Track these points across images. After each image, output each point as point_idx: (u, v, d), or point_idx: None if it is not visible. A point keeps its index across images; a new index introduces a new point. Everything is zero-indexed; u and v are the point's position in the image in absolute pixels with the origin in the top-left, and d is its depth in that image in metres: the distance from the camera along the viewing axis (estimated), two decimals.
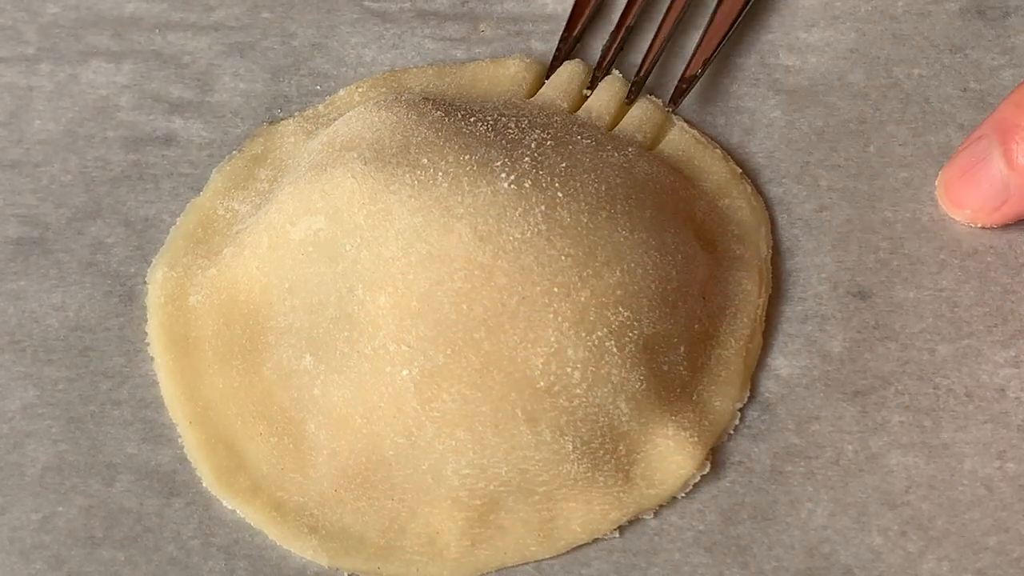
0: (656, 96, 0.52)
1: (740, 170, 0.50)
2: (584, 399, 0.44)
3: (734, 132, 0.52)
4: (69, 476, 0.45)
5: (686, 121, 0.51)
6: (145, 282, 0.48)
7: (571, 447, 0.44)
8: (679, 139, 0.51)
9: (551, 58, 0.53)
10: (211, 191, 0.50)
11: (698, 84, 0.52)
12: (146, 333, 0.47)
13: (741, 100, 0.52)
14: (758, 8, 0.54)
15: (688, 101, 0.52)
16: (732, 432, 0.46)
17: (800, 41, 0.53)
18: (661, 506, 0.45)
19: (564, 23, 0.53)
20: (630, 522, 0.44)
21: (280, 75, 0.53)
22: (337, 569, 0.44)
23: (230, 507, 0.44)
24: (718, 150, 0.51)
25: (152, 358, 0.47)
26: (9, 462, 0.45)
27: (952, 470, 0.45)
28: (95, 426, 0.46)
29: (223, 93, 0.52)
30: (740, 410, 0.46)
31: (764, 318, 0.48)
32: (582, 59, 0.53)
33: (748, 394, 0.46)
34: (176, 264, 0.48)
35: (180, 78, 0.53)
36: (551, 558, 0.44)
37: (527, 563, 0.44)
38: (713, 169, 0.50)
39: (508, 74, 0.52)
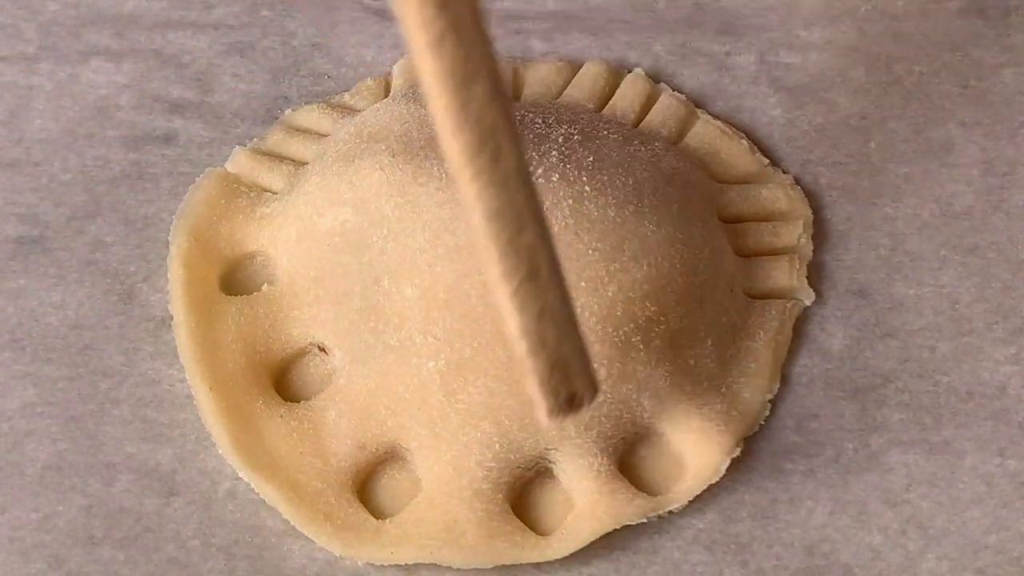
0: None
1: (767, 160, 0.50)
2: (609, 395, 0.44)
3: None
4: (69, 475, 0.45)
5: (710, 114, 0.51)
6: (144, 279, 0.48)
7: (593, 442, 0.44)
8: (704, 131, 0.51)
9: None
10: (235, 165, 0.50)
11: (699, 84, 0.52)
12: (163, 303, 0.47)
13: (741, 99, 0.52)
14: (758, 6, 0.54)
15: (688, 100, 0.52)
16: (763, 423, 0.46)
17: (800, 39, 0.53)
18: (689, 501, 0.44)
19: (564, 21, 0.53)
20: (647, 518, 0.44)
21: (280, 75, 0.53)
22: (349, 559, 0.43)
23: (245, 479, 0.44)
24: (744, 141, 0.51)
25: (171, 317, 0.47)
26: (9, 461, 0.45)
27: (952, 467, 0.45)
28: (95, 425, 0.46)
29: (223, 93, 0.52)
30: (771, 401, 0.46)
31: (795, 309, 0.47)
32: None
33: (778, 385, 0.46)
34: (200, 235, 0.48)
35: (180, 78, 0.53)
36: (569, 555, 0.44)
37: (545, 560, 0.43)
38: (741, 160, 0.50)
39: (538, 76, 0.52)
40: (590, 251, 0.44)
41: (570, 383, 0.36)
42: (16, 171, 0.50)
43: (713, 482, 0.44)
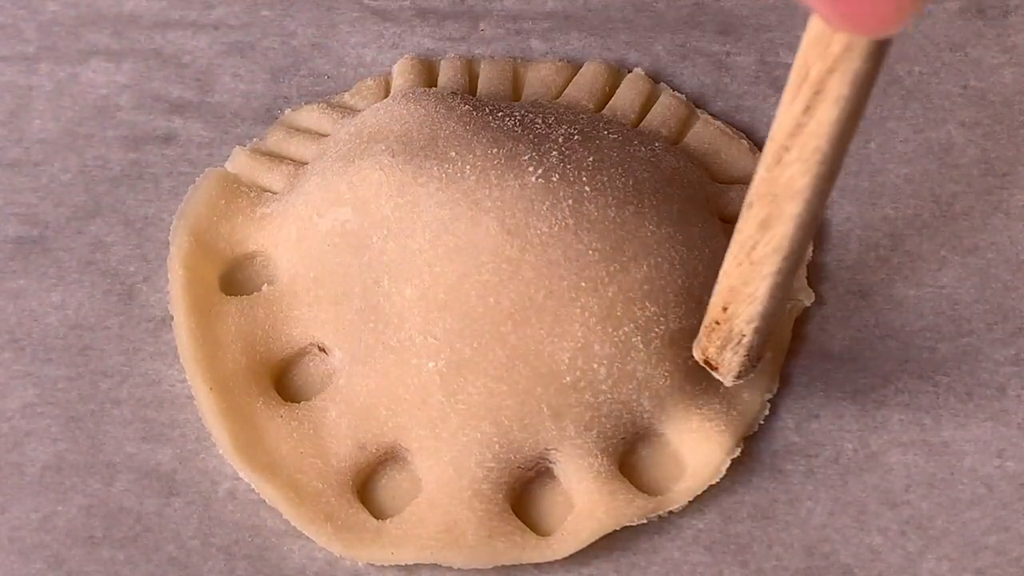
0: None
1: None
2: (609, 395, 0.44)
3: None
4: (69, 475, 0.45)
5: (710, 114, 0.51)
6: (144, 279, 0.48)
7: (593, 443, 0.44)
8: (704, 131, 0.51)
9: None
10: (235, 165, 0.50)
11: (699, 84, 0.52)
12: (163, 305, 0.47)
13: (741, 99, 0.52)
14: (758, 6, 0.54)
15: (688, 100, 0.52)
16: (763, 423, 0.46)
17: (800, 39, 0.53)
18: (689, 502, 0.44)
19: (564, 21, 0.53)
20: (648, 519, 0.44)
21: (280, 75, 0.53)
22: (349, 559, 0.43)
23: (245, 479, 0.44)
24: (744, 141, 0.51)
25: (172, 317, 0.47)
26: (9, 461, 0.45)
27: (952, 468, 0.45)
28: (95, 425, 0.46)
29: (223, 93, 0.52)
30: (770, 401, 0.46)
31: (794, 309, 0.47)
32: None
33: (777, 385, 0.46)
34: (200, 235, 0.48)
35: (180, 78, 0.53)
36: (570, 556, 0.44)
37: (545, 560, 0.43)
38: (741, 160, 0.50)
39: (538, 76, 0.52)
40: (590, 251, 0.44)
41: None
42: (16, 171, 0.50)
43: (713, 482, 0.44)
